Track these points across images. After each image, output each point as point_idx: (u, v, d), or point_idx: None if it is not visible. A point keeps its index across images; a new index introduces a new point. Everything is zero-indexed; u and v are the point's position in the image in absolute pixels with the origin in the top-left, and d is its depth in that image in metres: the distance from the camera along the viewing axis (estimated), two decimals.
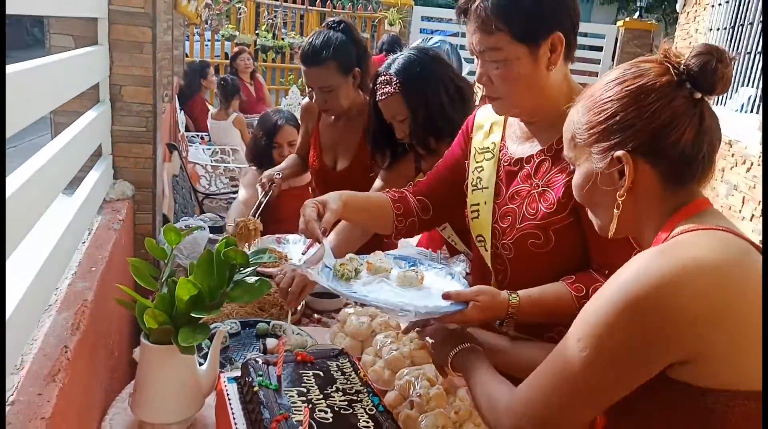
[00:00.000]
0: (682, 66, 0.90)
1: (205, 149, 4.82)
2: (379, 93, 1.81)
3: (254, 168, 2.91)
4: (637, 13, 9.37)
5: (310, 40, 2.07)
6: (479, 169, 1.46)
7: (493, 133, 1.46)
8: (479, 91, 2.13)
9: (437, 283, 1.29)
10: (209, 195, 4.08)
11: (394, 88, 1.76)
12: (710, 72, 0.88)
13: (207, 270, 1.20)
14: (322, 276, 1.22)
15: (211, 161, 4.58)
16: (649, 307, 0.78)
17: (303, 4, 8.91)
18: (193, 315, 1.16)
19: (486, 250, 1.41)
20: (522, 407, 0.90)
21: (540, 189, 1.31)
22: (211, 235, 2.14)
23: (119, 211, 1.80)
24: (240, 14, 7.57)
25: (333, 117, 2.23)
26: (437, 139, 1.79)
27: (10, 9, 0.98)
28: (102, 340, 1.38)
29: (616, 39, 9.20)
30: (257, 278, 1.21)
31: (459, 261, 1.36)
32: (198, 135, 5.33)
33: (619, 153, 0.90)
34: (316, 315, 1.99)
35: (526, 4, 1.20)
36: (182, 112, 5.22)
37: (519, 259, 1.35)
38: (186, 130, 5.26)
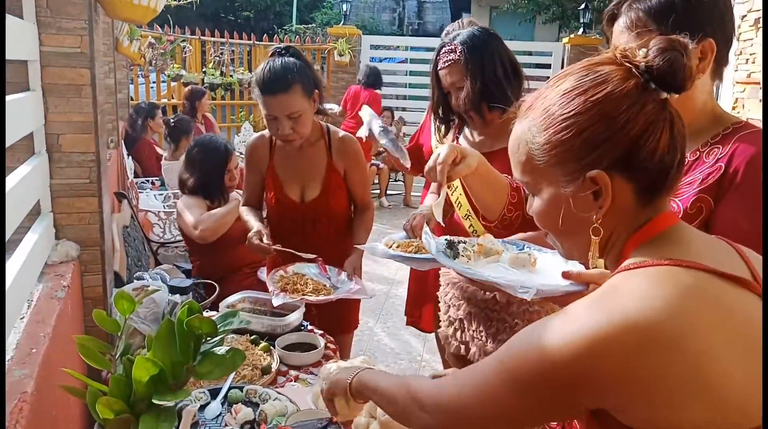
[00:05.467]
0: (643, 66, 0.82)
1: (156, 195, 4.58)
2: (442, 61, 1.93)
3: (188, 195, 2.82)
4: (581, 30, 9.57)
5: (268, 67, 1.99)
6: None
7: None
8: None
9: (551, 266, 1.24)
10: (164, 244, 3.84)
11: (458, 56, 1.88)
12: (680, 69, 0.80)
13: (168, 344, 1.02)
14: (438, 253, 1.23)
15: (164, 207, 4.35)
16: (565, 362, 0.74)
17: (249, 39, 8.79)
18: (154, 401, 0.98)
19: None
20: (435, 407, 0.89)
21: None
22: (170, 297, 1.94)
23: (63, 276, 1.60)
24: (185, 53, 7.37)
25: (289, 147, 2.14)
26: (490, 107, 1.89)
27: None
28: None
29: (563, 56, 9.38)
30: (228, 348, 1.04)
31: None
32: (148, 180, 5.08)
33: (594, 173, 0.81)
34: (292, 371, 1.80)
35: (682, 7, 1.16)
36: (130, 157, 4.98)
37: None
38: (135, 176, 5.01)
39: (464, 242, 1.30)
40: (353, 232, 2.23)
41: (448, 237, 1.34)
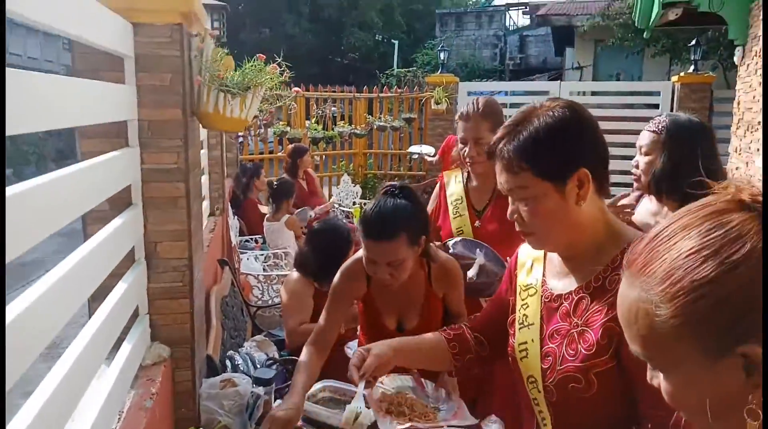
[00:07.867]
0: None
1: (258, 256, 4.83)
2: None
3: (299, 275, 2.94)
4: (693, 66, 9.10)
5: (377, 209, 1.90)
6: (525, 306, 1.44)
7: (534, 270, 1.46)
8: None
9: None
10: (261, 307, 4.03)
11: None
12: None
13: None
14: None
15: (264, 268, 4.57)
16: None
17: (351, 85, 9.13)
18: None
19: (539, 392, 1.32)
20: None
21: (579, 328, 1.27)
22: (254, 389, 2.04)
23: (153, 381, 1.72)
24: (291, 110, 7.79)
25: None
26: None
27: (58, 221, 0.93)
28: None
29: (672, 93, 8.94)
30: None
31: (491, 422, 1.32)
32: (252, 238, 5.38)
33: (746, 348, 0.66)
34: None
35: (547, 143, 1.23)
36: (236, 217, 5.29)
37: (562, 404, 1.29)
38: (240, 234, 5.31)
39: None
40: None
41: None
